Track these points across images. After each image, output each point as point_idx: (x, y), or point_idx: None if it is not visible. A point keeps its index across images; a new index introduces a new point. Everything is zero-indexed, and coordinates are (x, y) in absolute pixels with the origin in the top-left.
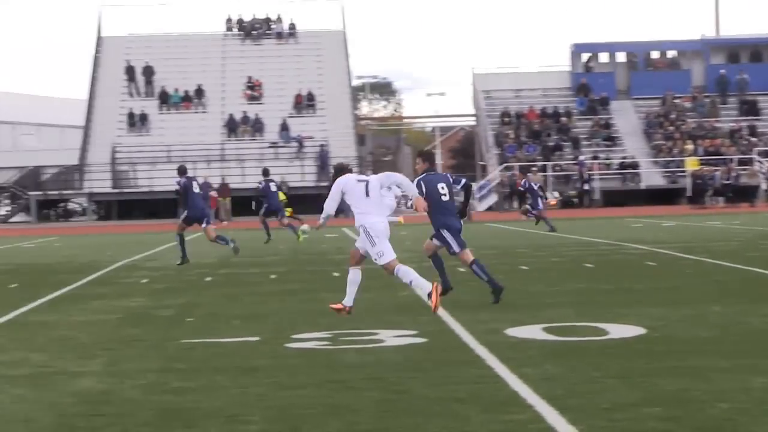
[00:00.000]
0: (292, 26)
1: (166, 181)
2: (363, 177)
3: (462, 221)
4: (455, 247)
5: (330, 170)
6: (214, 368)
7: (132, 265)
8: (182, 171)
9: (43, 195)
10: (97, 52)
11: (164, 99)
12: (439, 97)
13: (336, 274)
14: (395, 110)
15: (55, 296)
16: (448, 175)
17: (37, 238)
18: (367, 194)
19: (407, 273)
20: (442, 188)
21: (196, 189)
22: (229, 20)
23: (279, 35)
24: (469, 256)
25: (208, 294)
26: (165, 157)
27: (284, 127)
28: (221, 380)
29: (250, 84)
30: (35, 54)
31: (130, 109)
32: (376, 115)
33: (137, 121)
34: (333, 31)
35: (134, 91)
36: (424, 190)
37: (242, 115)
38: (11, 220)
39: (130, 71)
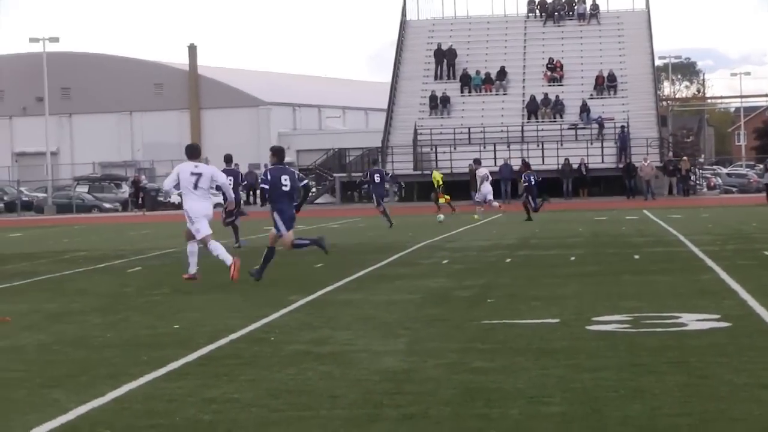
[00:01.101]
0: (595, 7)
1: (464, 163)
2: (197, 170)
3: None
4: (282, 230)
5: (630, 152)
6: (515, 349)
7: (433, 245)
8: (228, 159)
9: (347, 177)
10: (401, 35)
11: (465, 81)
12: (744, 76)
13: (636, 256)
14: (698, 90)
15: (359, 276)
16: (295, 172)
17: (342, 218)
18: (195, 187)
19: (216, 248)
20: (285, 180)
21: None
22: (531, 2)
23: (581, 16)
24: (289, 239)
25: (507, 275)
26: (465, 139)
27: (584, 109)
28: (521, 361)
29: (551, 65)
30: (340, 38)
31: (432, 91)
32: (678, 95)
33: (439, 104)
34: (636, 11)
35: (438, 73)
36: (269, 178)
37: (543, 96)
38: (317, 201)
39: (438, 54)
